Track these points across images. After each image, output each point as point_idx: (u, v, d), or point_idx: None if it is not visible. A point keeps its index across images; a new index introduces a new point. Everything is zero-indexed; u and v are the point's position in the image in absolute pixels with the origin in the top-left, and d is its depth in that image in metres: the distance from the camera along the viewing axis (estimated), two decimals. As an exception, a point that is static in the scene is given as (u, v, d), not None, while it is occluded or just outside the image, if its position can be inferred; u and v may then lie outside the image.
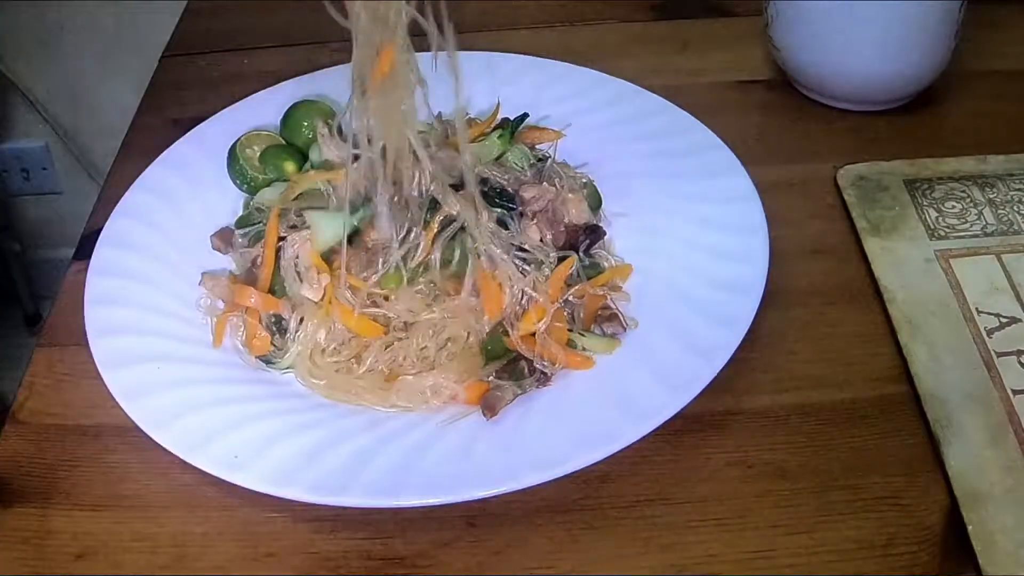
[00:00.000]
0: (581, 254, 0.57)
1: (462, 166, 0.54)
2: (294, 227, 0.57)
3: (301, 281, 0.55)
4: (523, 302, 0.54)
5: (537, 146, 0.64)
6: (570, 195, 0.59)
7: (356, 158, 0.53)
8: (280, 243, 0.57)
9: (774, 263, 0.55)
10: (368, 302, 0.54)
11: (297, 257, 0.55)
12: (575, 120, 0.66)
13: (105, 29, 1.37)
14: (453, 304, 0.54)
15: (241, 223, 0.61)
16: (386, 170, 0.53)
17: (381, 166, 0.53)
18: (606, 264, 0.58)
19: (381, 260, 0.55)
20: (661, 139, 0.64)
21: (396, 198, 0.54)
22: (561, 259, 0.56)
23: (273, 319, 0.55)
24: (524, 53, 0.72)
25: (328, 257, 0.56)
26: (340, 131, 0.60)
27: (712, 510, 0.48)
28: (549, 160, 0.62)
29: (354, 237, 0.56)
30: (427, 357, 0.53)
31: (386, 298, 0.55)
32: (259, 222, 0.59)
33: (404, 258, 0.54)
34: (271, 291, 0.56)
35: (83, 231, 0.65)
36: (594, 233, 0.58)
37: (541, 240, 0.57)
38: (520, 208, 0.58)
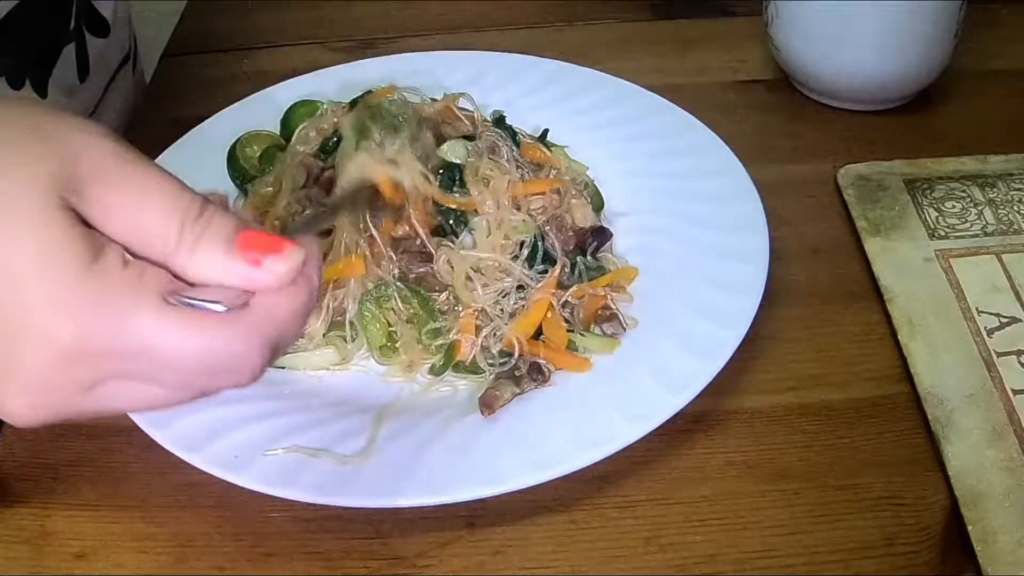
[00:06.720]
0: (588, 256, 0.57)
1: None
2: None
3: None
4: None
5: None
6: (574, 201, 0.59)
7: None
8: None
9: (774, 263, 0.55)
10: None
11: None
12: (575, 120, 0.66)
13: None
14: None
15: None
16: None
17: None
18: (612, 267, 0.58)
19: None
20: (661, 139, 0.64)
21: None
22: (572, 264, 0.56)
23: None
24: (523, 52, 0.72)
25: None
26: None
27: (712, 510, 0.48)
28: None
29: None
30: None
31: None
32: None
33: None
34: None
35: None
36: (601, 235, 0.58)
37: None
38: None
